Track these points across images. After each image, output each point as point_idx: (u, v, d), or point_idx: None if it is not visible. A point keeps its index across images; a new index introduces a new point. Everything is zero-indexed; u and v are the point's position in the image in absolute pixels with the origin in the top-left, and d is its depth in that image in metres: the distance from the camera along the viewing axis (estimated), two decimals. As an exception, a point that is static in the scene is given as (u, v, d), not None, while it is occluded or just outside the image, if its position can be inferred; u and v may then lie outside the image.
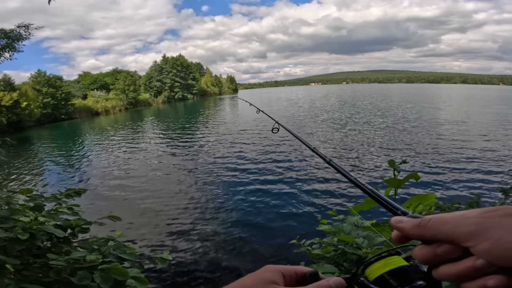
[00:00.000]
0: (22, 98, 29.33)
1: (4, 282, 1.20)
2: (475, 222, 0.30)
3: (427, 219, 0.33)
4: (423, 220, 0.34)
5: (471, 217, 0.30)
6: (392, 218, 0.38)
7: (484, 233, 0.29)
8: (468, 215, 0.31)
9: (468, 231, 0.30)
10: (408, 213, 0.40)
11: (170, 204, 6.67)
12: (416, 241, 0.37)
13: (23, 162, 12.69)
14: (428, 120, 18.28)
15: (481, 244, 0.29)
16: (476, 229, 0.29)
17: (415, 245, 0.36)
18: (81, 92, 52.37)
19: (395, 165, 1.13)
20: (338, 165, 0.72)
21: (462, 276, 0.31)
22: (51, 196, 1.72)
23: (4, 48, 9.39)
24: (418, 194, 0.97)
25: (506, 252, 0.27)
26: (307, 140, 1.03)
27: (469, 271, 0.30)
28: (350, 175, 0.64)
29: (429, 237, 0.33)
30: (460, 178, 7.48)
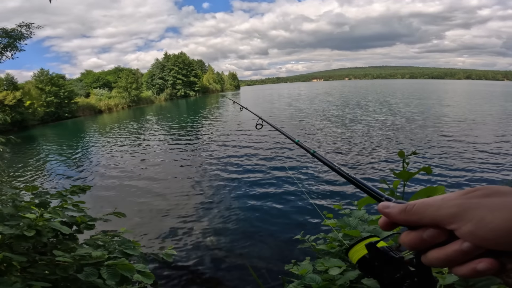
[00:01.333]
0: (25, 97, 29.53)
1: (10, 279, 1.20)
2: (456, 204, 0.29)
3: (412, 204, 0.33)
4: (408, 205, 0.33)
5: (452, 199, 0.30)
6: (379, 203, 0.38)
7: (466, 214, 0.28)
8: (450, 197, 0.31)
9: (450, 213, 0.29)
10: (392, 199, 0.40)
11: (173, 200, 6.69)
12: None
13: (27, 160, 12.79)
14: (434, 115, 18.13)
15: (465, 225, 0.28)
16: (458, 210, 0.29)
17: (400, 233, 0.36)
18: (84, 91, 52.56)
19: (405, 156, 1.10)
20: (322, 156, 0.73)
21: (451, 260, 0.30)
22: (56, 193, 1.73)
23: (6, 47, 9.41)
24: (427, 186, 0.95)
25: (490, 233, 0.26)
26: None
27: (457, 254, 0.29)
28: (334, 165, 0.64)
29: (415, 222, 0.33)
30: (466, 172, 7.42)
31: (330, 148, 10.72)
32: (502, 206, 0.27)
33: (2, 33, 9.11)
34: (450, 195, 0.31)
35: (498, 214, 0.27)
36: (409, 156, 1.15)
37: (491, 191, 0.29)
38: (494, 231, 0.26)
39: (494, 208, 0.27)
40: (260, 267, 4.04)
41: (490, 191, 0.29)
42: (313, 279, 1.43)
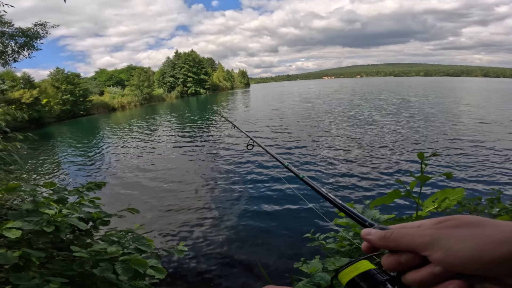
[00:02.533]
0: (42, 95, 30.42)
1: (29, 275, 1.24)
2: (429, 233, 0.33)
3: (390, 232, 0.37)
4: (387, 233, 0.38)
5: (426, 229, 0.34)
6: (362, 230, 0.42)
7: (437, 243, 0.32)
8: (424, 226, 0.35)
9: (424, 242, 0.33)
10: (374, 224, 0.44)
11: (184, 197, 6.78)
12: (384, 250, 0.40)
13: (44, 157, 13.20)
14: (452, 114, 17.66)
15: (436, 253, 0.32)
16: (430, 240, 0.32)
17: (383, 253, 0.40)
18: (98, 89, 53.67)
19: (424, 158, 1.09)
20: (311, 181, 0.77)
21: (425, 281, 0.34)
22: (73, 189, 1.79)
23: (23, 46, 9.68)
24: (446, 189, 0.95)
25: (458, 261, 0.30)
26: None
27: (430, 276, 0.33)
28: (321, 190, 0.69)
29: (393, 247, 0.37)
30: (482, 173, 7.21)
31: (343, 147, 10.61)
32: (468, 237, 0.30)
33: (19, 33, 9.35)
34: (424, 222, 0.36)
35: (465, 244, 0.30)
36: (429, 157, 1.13)
37: (461, 222, 0.32)
38: (461, 258, 0.30)
39: (462, 238, 0.31)
40: (269, 264, 4.06)
41: (460, 222, 0.32)
42: (322, 277, 1.44)
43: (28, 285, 1.17)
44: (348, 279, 0.43)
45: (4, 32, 8.94)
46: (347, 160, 8.82)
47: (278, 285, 0.43)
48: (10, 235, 1.24)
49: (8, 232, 1.25)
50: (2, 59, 9.30)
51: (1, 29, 8.88)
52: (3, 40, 9.10)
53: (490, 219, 0.32)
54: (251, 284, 3.72)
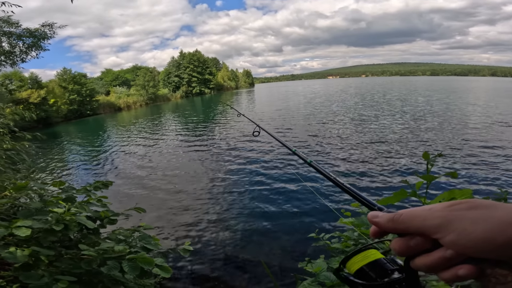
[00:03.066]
0: (49, 95, 30.83)
1: (38, 274, 1.25)
2: (441, 215, 0.32)
3: (399, 213, 0.36)
4: (396, 215, 0.36)
5: (437, 211, 0.33)
6: (368, 213, 0.40)
7: (449, 226, 0.31)
8: (435, 208, 0.33)
9: (435, 224, 0.32)
10: (384, 208, 0.42)
11: (190, 197, 6.82)
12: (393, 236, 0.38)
13: (52, 156, 13.38)
14: (457, 113, 17.45)
15: (448, 236, 0.31)
16: (442, 222, 0.31)
17: (390, 240, 0.38)
18: (104, 89, 54.21)
19: (429, 158, 1.08)
20: (319, 166, 0.74)
21: (435, 266, 0.33)
22: (81, 188, 1.82)
23: (31, 46, 9.79)
24: (452, 189, 0.94)
25: (471, 243, 0.29)
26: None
27: (441, 261, 0.32)
28: (329, 175, 0.66)
29: (402, 231, 0.35)
30: (489, 173, 7.12)
31: (348, 147, 10.55)
32: (482, 219, 0.29)
33: (26, 33, 9.46)
34: (435, 206, 0.34)
35: (478, 226, 0.29)
36: (434, 158, 1.12)
37: (474, 205, 0.31)
38: (474, 241, 0.29)
39: (476, 220, 0.30)
40: (274, 264, 4.07)
41: (473, 204, 0.31)
42: (327, 277, 1.43)
43: (38, 284, 1.19)
44: (357, 268, 0.42)
45: (12, 32, 9.07)
46: (353, 160, 8.77)
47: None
48: (20, 234, 1.26)
49: (17, 231, 1.27)
50: (10, 59, 9.43)
51: (9, 30, 9.00)
52: (11, 40, 9.23)
53: (504, 203, 0.31)
54: (255, 283, 3.73)
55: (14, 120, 4.87)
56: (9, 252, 1.19)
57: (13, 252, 1.20)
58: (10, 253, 1.19)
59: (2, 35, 8.79)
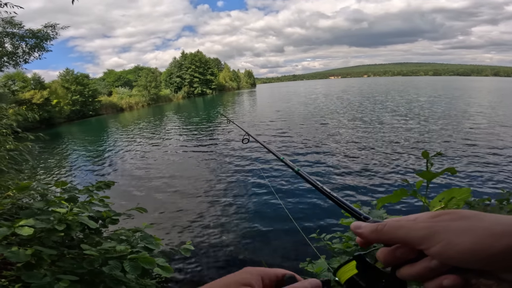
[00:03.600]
0: (52, 96, 30.97)
1: (40, 273, 1.26)
2: (426, 226, 0.32)
3: (382, 224, 0.35)
4: (379, 225, 0.36)
5: (422, 222, 0.32)
6: (351, 224, 0.40)
7: (434, 237, 0.31)
8: (420, 219, 0.33)
9: (420, 236, 0.31)
10: (370, 218, 0.43)
11: (191, 197, 6.83)
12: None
13: (54, 156, 13.46)
14: (459, 113, 17.38)
15: (433, 247, 0.31)
16: (427, 233, 0.31)
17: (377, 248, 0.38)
18: (106, 89, 54.38)
19: (429, 157, 1.08)
20: (306, 175, 0.74)
21: (420, 275, 0.33)
22: (84, 189, 1.83)
23: (33, 47, 9.81)
24: (452, 188, 0.94)
25: (456, 254, 0.29)
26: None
27: (426, 271, 0.32)
28: (316, 184, 0.66)
29: (386, 241, 0.35)
30: (491, 174, 7.08)
31: (349, 147, 10.53)
32: (467, 230, 0.29)
33: (29, 34, 9.48)
34: (420, 216, 0.34)
35: (464, 237, 0.29)
36: (434, 156, 1.11)
37: (459, 216, 0.31)
38: (460, 252, 0.29)
39: (461, 231, 0.30)
40: (275, 264, 4.06)
41: (458, 216, 0.31)
42: (327, 277, 1.44)
43: (40, 283, 1.20)
44: (346, 277, 0.42)
45: (15, 33, 9.11)
46: (354, 160, 8.75)
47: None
48: (22, 233, 1.27)
49: (20, 230, 1.28)
50: (13, 60, 9.46)
51: (12, 31, 9.04)
52: (13, 41, 9.27)
53: (488, 213, 0.31)
54: (257, 284, 3.73)
55: (17, 121, 4.91)
56: (11, 251, 1.20)
57: (16, 252, 1.21)
58: (13, 252, 1.20)
59: (5, 36, 8.83)
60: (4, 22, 8.37)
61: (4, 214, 1.97)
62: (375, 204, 1.97)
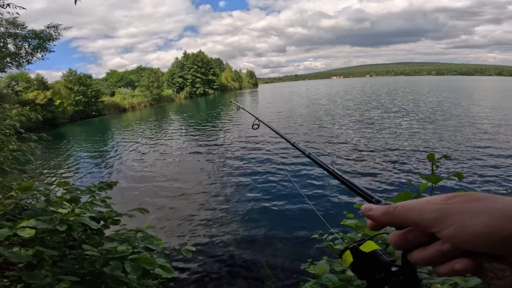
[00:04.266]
0: (55, 96, 31.12)
1: (41, 274, 1.26)
2: (438, 208, 0.30)
3: (394, 206, 0.34)
4: (390, 207, 0.35)
5: (434, 204, 0.31)
6: (362, 206, 0.38)
7: (446, 219, 0.30)
8: (433, 201, 0.32)
9: (432, 218, 0.30)
10: (382, 201, 0.41)
11: (193, 198, 6.84)
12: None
13: (57, 157, 13.52)
14: (462, 113, 17.27)
15: (446, 230, 0.30)
16: (439, 215, 0.30)
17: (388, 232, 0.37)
18: (109, 90, 54.60)
19: (434, 160, 1.07)
20: (317, 158, 0.74)
21: (432, 259, 0.32)
22: (86, 189, 1.83)
23: (36, 48, 9.86)
24: (459, 190, 0.93)
25: (469, 237, 0.28)
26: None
27: (438, 255, 0.31)
28: (328, 167, 0.66)
29: (398, 224, 0.35)
30: (498, 176, 7.02)
31: (352, 148, 10.50)
32: (481, 212, 0.28)
33: (32, 35, 9.53)
34: (433, 198, 0.32)
35: (477, 219, 0.28)
36: (440, 159, 1.10)
37: (472, 197, 0.30)
38: (473, 235, 0.28)
39: (474, 213, 0.29)
40: (276, 266, 4.06)
41: (472, 197, 0.30)
42: (329, 279, 1.43)
43: (41, 284, 1.20)
44: (352, 260, 0.42)
45: (18, 34, 9.16)
46: (357, 161, 8.73)
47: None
48: (24, 234, 1.27)
49: (22, 231, 1.29)
50: (16, 61, 9.52)
51: (15, 31, 9.10)
52: (16, 42, 9.33)
53: (503, 196, 0.30)
54: (257, 285, 3.73)
55: (21, 121, 4.94)
56: (12, 252, 1.20)
57: (17, 252, 1.21)
58: (13, 253, 1.20)
59: (7, 36, 8.88)
60: (7, 23, 8.42)
61: (7, 215, 1.98)
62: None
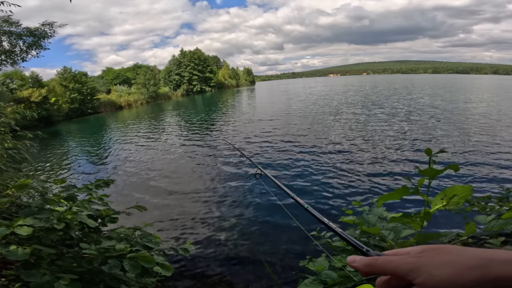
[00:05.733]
0: (50, 94, 30.81)
1: (39, 272, 1.25)
2: (411, 261, 0.39)
3: (375, 259, 0.42)
4: (371, 260, 0.42)
5: (409, 257, 0.39)
6: (347, 258, 0.46)
7: (419, 270, 0.37)
8: (411, 253, 0.40)
9: (406, 269, 0.38)
10: (370, 251, 0.49)
11: (191, 195, 6.83)
12: None
13: (53, 154, 13.42)
14: (460, 110, 17.40)
15: (418, 278, 0.37)
16: (412, 267, 0.38)
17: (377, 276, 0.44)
18: (105, 87, 54.15)
19: (432, 154, 1.07)
20: (315, 211, 0.86)
21: None
22: (83, 187, 1.82)
23: (31, 46, 9.74)
24: (454, 186, 0.93)
25: (437, 284, 0.35)
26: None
27: None
28: (323, 220, 0.80)
29: (379, 273, 0.42)
30: (492, 172, 7.10)
31: (350, 145, 10.54)
32: (447, 264, 0.36)
33: (26, 32, 9.42)
34: (412, 250, 0.41)
35: (443, 270, 0.36)
36: (437, 154, 1.11)
37: (441, 251, 0.38)
38: (439, 282, 0.36)
39: (441, 265, 0.37)
40: (275, 263, 4.07)
41: (441, 251, 0.38)
42: (329, 275, 1.43)
43: (39, 282, 1.19)
44: None
45: (12, 32, 9.04)
46: (355, 158, 8.76)
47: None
48: (21, 232, 1.26)
49: (19, 229, 1.27)
50: (10, 58, 9.41)
51: (9, 29, 8.98)
52: (11, 39, 9.21)
53: (467, 247, 0.38)
54: (256, 282, 3.74)
55: (16, 119, 4.88)
56: (9, 250, 1.19)
57: (14, 250, 1.20)
58: (10, 251, 1.19)
59: (2, 34, 8.76)
60: (1, 20, 8.31)
61: (3, 213, 1.96)
62: (375, 201, 1.97)
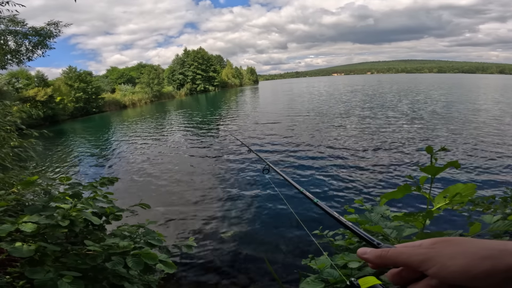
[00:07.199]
0: (56, 93, 31.10)
1: (43, 269, 1.26)
2: (423, 252, 0.39)
3: (386, 250, 0.42)
4: (383, 251, 0.42)
5: (421, 248, 0.40)
6: (358, 250, 0.46)
7: (431, 261, 0.38)
8: (423, 245, 0.40)
9: (419, 260, 0.39)
10: (381, 243, 0.49)
11: (194, 193, 6.85)
12: None
13: (58, 153, 13.55)
14: (464, 110, 17.23)
15: (430, 269, 0.38)
16: (425, 258, 0.38)
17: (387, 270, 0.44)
18: (109, 86, 54.51)
19: (433, 152, 1.06)
20: (325, 205, 0.84)
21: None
22: (88, 184, 1.83)
23: (37, 45, 9.83)
24: (457, 184, 0.93)
25: (450, 274, 0.36)
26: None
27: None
28: (333, 214, 0.77)
29: (390, 265, 0.42)
30: (496, 172, 7.02)
31: (354, 143, 10.49)
32: (458, 254, 0.37)
33: (32, 32, 9.50)
34: (424, 242, 0.41)
35: (455, 261, 0.36)
36: (438, 151, 1.10)
37: (453, 242, 0.39)
38: (452, 272, 0.36)
39: (453, 255, 0.37)
40: (277, 261, 4.07)
41: (452, 243, 0.39)
42: (331, 273, 1.43)
43: (43, 279, 1.20)
44: (369, 285, 0.47)
45: (18, 31, 9.14)
46: (357, 156, 8.72)
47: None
48: (26, 229, 1.28)
49: (24, 226, 1.29)
50: (16, 58, 9.50)
51: (15, 29, 9.07)
52: (17, 39, 9.30)
53: (478, 239, 0.38)
54: (258, 281, 3.75)
55: (21, 118, 4.94)
56: (14, 247, 1.20)
57: (18, 247, 1.21)
58: (15, 248, 1.21)
59: (8, 33, 8.86)
60: (7, 20, 8.39)
61: (8, 211, 1.99)
62: (378, 200, 1.96)
